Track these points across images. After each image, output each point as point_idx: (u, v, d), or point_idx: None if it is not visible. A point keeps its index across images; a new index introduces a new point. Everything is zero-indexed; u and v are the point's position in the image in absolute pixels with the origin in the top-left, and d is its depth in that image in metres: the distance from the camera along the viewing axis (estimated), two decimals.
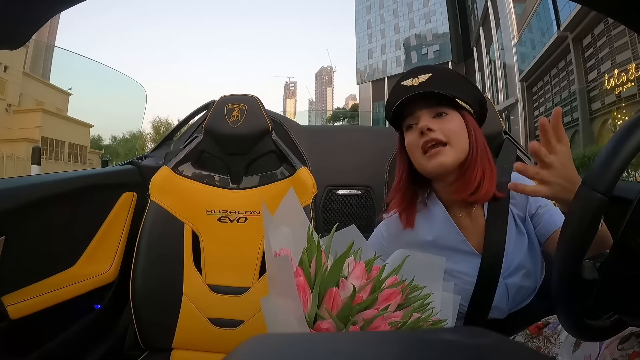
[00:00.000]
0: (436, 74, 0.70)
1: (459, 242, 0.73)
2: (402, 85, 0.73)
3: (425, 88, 0.69)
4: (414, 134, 0.71)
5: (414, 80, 0.71)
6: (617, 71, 10.48)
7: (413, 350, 0.18)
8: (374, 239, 0.80)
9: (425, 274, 0.55)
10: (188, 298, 0.94)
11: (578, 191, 0.40)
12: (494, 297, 0.70)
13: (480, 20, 21.09)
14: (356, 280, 0.47)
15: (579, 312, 0.42)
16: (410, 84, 0.71)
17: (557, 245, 0.42)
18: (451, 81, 0.72)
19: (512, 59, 17.18)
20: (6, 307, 0.75)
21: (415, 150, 0.71)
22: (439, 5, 34.64)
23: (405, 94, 0.71)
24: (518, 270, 0.71)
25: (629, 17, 0.42)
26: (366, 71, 41.85)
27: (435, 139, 0.68)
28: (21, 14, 0.35)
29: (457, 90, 0.71)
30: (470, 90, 0.73)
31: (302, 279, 0.47)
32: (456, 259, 0.72)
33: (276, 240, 0.52)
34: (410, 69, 0.73)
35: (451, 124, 0.69)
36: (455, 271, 0.71)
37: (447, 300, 0.58)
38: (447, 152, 0.68)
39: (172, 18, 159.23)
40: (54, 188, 0.89)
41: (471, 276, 0.71)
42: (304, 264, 0.48)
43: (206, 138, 1.05)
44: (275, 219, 0.55)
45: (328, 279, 0.46)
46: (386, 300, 0.47)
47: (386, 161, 1.20)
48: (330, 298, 0.45)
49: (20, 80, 16.36)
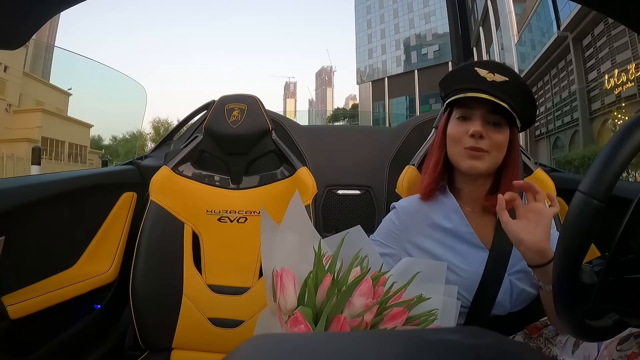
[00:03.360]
0: (513, 82, 0.69)
1: (468, 234, 0.73)
2: (475, 70, 0.70)
3: (500, 92, 0.68)
4: (461, 128, 0.71)
5: (489, 73, 0.69)
6: (617, 71, 10.47)
7: (413, 351, 0.18)
8: (383, 227, 0.80)
9: (428, 277, 0.56)
10: (188, 298, 0.94)
11: (575, 197, 0.40)
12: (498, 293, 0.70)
13: (480, 20, 21.09)
14: (362, 299, 0.46)
15: (579, 314, 0.42)
16: (484, 76, 0.69)
17: (556, 251, 0.42)
18: (522, 96, 0.70)
19: (512, 59, 17.18)
20: (6, 307, 0.75)
21: (456, 142, 0.72)
22: (439, 5, 34.62)
23: (476, 83, 0.69)
24: (521, 273, 0.71)
25: (629, 17, 0.42)
26: (366, 71, 41.83)
27: (480, 148, 0.69)
28: (21, 14, 0.35)
29: (522, 107, 0.70)
30: (530, 110, 0.73)
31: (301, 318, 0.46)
32: (463, 252, 0.72)
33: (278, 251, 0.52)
34: (488, 60, 0.71)
35: (500, 136, 0.70)
36: (459, 266, 0.71)
37: (449, 305, 0.58)
38: (484, 159, 0.69)
39: (172, 18, 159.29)
40: (54, 188, 0.89)
41: (477, 271, 0.71)
42: (309, 290, 0.47)
43: (206, 138, 1.05)
44: (283, 225, 0.55)
45: (335, 308, 0.45)
46: (392, 319, 0.46)
47: (386, 161, 1.20)
48: (338, 326, 0.44)
49: (20, 80, 16.35)
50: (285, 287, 0.49)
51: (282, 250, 0.54)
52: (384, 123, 34.18)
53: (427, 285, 0.55)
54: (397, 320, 0.47)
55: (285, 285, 0.49)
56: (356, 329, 0.44)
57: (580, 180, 0.40)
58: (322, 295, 0.47)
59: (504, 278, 0.70)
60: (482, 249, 0.72)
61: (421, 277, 0.54)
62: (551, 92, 14.43)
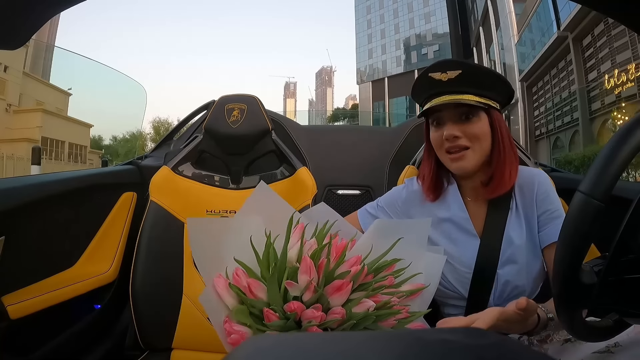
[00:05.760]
0: (466, 72, 0.68)
1: (463, 219, 0.74)
2: (429, 77, 0.71)
3: (455, 87, 0.68)
4: (438, 134, 0.72)
5: (442, 74, 0.69)
6: (617, 71, 10.46)
7: (414, 351, 0.18)
8: (389, 196, 0.84)
9: (412, 239, 0.59)
10: (188, 298, 0.94)
11: (575, 197, 0.40)
12: None
13: (480, 20, 21.09)
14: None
15: (579, 314, 0.42)
16: (439, 78, 0.69)
17: (556, 251, 0.42)
18: (483, 78, 0.70)
19: (512, 59, 17.16)
20: (6, 307, 0.75)
21: (438, 148, 0.73)
22: (439, 5, 34.62)
23: (432, 88, 0.70)
24: (508, 264, 0.70)
25: (629, 17, 0.42)
26: (366, 71, 41.82)
27: (459, 146, 0.69)
28: (21, 14, 0.35)
29: (487, 89, 0.70)
30: (499, 86, 0.71)
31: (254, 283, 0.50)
32: (458, 240, 0.74)
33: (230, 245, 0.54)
34: (438, 61, 0.71)
35: (476, 127, 0.69)
36: (456, 257, 0.72)
37: (434, 262, 0.61)
38: (469, 157, 0.70)
39: (172, 18, 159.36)
40: (54, 188, 0.89)
41: (469, 263, 0.71)
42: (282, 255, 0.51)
43: (206, 138, 1.05)
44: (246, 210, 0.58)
45: None
46: (337, 291, 0.49)
47: (386, 161, 1.20)
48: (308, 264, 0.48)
49: (20, 80, 16.35)
50: (222, 295, 0.52)
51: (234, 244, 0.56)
52: (384, 123, 34.19)
53: (411, 247, 0.57)
54: (341, 292, 0.49)
55: (221, 293, 0.52)
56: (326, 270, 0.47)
57: (580, 180, 0.40)
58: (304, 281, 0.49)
59: None
60: (475, 237, 0.73)
61: (405, 240, 0.56)
62: (551, 92, 14.42)
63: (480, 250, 0.71)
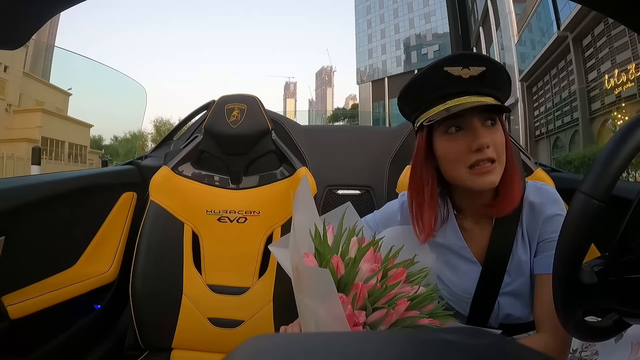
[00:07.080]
0: (491, 69, 0.56)
1: (460, 247, 0.67)
2: (446, 71, 0.56)
3: (477, 87, 0.56)
4: (457, 145, 0.58)
5: (463, 69, 0.56)
6: (617, 71, 10.46)
7: (414, 351, 0.18)
8: (384, 212, 0.77)
9: (408, 245, 0.63)
10: (188, 298, 0.94)
11: (575, 197, 0.40)
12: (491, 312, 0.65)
13: (480, 20, 21.08)
14: (367, 264, 0.53)
15: (579, 314, 0.42)
16: (458, 74, 0.56)
17: (556, 250, 0.42)
18: (504, 79, 0.59)
19: (512, 59, 17.16)
20: (6, 307, 0.75)
21: (456, 164, 0.59)
22: (439, 5, 34.61)
23: (449, 85, 0.56)
24: (511, 295, 0.64)
25: (629, 17, 0.42)
26: (366, 71, 41.84)
27: (489, 158, 0.57)
28: (21, 14, 0.35)
29: (502, 90, 0.59)
30: (507, 89, 0.61)
31: None
32: (456, 266, 0.67)
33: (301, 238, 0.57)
34: (457, 53, 0.59)
35: (500, 136, 0.58)
36: (456, 283, 0.67)
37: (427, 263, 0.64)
38: (496, 171, 0.58)
39: (172, 18, 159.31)
40: (54, 188, 0.89)
41: (469, 286, 0.66)
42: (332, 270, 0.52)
43: (206, 138, 1.05)
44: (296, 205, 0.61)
45: (349, 278, 0.52)
46: (395, 278, 0.53)
47: (386, 161, 1.20)
48: (357, 289, 0.50)
49: (20, 80, 16.35)
50: None
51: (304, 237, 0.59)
52: (384, 123, 34.16)
53: (409, 251, 0.61)
54: (399, 279, 0.53)
55: None
56: (373, 290, 0.50)
57: (580, 180, 0.40)
58: None
59: None
60: (476, 263, 0.66)
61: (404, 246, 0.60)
62: (551, 92, 14.41)
63: (481, 277, 0.64)
